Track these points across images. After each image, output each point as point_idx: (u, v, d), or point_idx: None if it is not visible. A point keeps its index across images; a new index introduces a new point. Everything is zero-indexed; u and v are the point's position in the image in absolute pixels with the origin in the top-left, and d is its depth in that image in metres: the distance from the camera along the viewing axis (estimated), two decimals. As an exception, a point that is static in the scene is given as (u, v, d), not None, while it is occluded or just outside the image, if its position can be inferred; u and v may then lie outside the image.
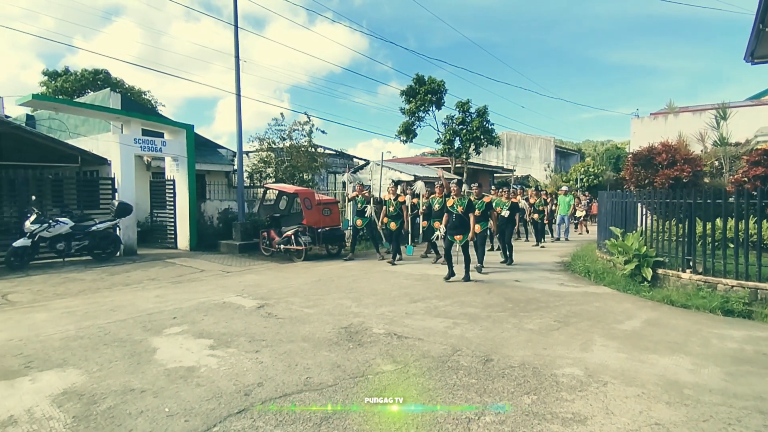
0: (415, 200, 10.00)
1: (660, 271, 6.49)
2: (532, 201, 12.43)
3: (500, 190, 10.56)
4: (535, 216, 12.50)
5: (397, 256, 9.20)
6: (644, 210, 7.49)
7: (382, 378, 3.28)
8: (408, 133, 19.50)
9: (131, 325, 4.65)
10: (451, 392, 3.05)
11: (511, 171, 28.55)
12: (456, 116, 19.20)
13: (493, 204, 9.07)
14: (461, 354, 3.80)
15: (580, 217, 16.83)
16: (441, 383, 3.19)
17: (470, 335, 4.34)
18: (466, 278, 7.16)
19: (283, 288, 6.59)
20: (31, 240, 8.18)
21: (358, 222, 9.39)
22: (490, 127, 19.42)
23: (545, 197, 13.45)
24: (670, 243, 6.57)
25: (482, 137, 19.13)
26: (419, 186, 10.06)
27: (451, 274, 7.19)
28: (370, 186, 10.31)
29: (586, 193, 21.82)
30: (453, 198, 7.28)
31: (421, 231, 11.12)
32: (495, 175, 27.95)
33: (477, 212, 7.45)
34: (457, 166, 20.28)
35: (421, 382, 3.20)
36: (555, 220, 14.15)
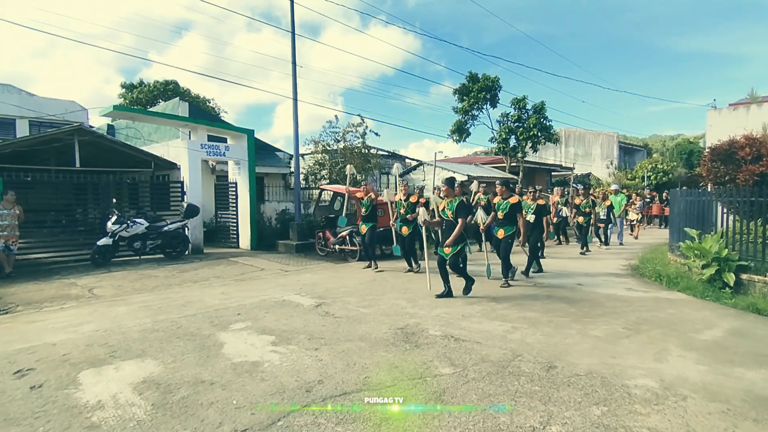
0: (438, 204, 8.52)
1: (744, 276, 5.93)
2: (577, 202, 10.93)
3: (528, 191, 9.39)
4: (580, 219, 10.83)
5: (407, 267, 8.02)
6: (724, 210, 6.88)
7: (441, 381, 3.25)
8: (461, 132, 19.21)
9: (200, 319, 4.93)
10: (513, 399, 2.95)
11: (570, 169, 27.30)
12: (511, 114, 18.65)
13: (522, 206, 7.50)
14: (522, 360, 3.67)
15: (634, 220, 14.57)
16: (502, 389, 3.10)
17: (531, 340, 4.19)
18: (468, 290, 5.97)
19: (339, 287, 6.71)
20: (112, 239, 8.91)
21: (362, 228, 8.30)
22: (547, 124, 18.68)
23: (594, 197, 11.76)
24: (755, 246, 5.98)
25: (539, 134, 18.44)
26: (474, 186, 9.61)
27: (447, 291, 5.93)
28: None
29: (643, 191, 20.06)
30: (445, 199, 5.94)
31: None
32: (552, 173, 26.86)
33: (500, 214, 6.72)
34: (512, 165, 19.71)
35: (481, 387, 3.13)
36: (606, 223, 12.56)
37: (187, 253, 10.24)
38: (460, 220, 5.67)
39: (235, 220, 12.07)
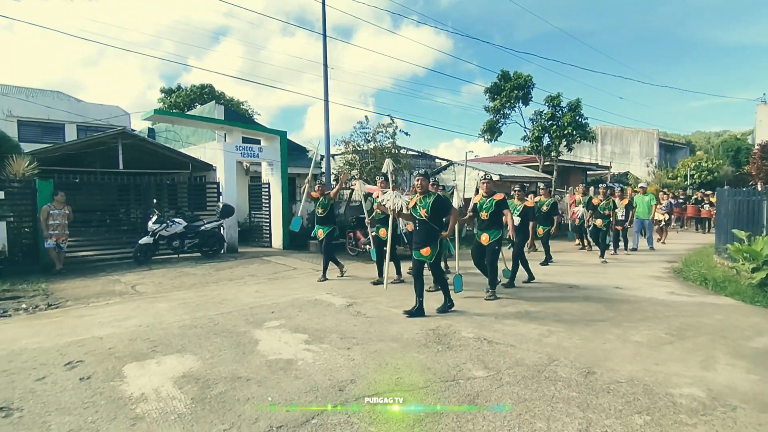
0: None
1: (799, 281, 5.56)
2: (594, 202, 9.68)
3: (513, 190, 7.65)
4: (598, 222, 9.46)
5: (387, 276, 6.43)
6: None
7: (474, 384, 3.20)
8: (492, 131, 18.88)
9: (236, 317, 5.06)
10: (550, 404, 2.88)
11: (607, 168, 26.41)
12: (545, 111, 18.19)
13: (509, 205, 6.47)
14: (559, 364, 3.58)
15: (661, 221, 13.19)
16: (538, 394, 3.03)
17: (568, 344, 4.07)
18: (445, 308, 5.17)
19: (370, 288, 6.73)
20: (152, 238, 9.27)
21: (319, 233, 7.53)
22: (583, 122, 18.11)
23: (618, 198, 10.51)
24: (813, 249, 5.61)
25: (574, 133, 17.90)
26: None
27: (418, 309, 5.06)
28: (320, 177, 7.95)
29: (667, 190, 18.77)
30: (417, 197, 5.10)
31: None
32: (588, 172, 26.06)
33: (484, 215, 5.83)
34: (545, 164, 19.24)
35: (516, 392, 3.07)
36: (628, 227, 11.21)
37: (222, 252, 10.54)
38: (450, 217, 5.08)
39: (268, 220, 12.33)
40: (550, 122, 18.08)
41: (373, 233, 7.07)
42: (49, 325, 4.92)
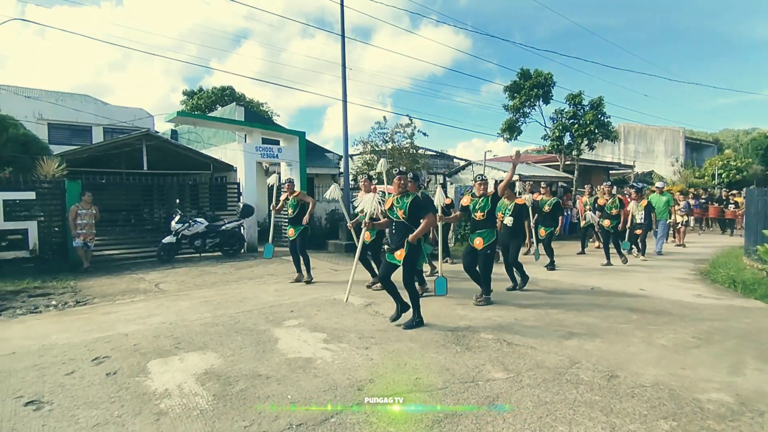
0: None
1: (836, 284, 5.33)
2: (601, 202, 8.99)
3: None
4: (606, 223, 8.71)
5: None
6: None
7: (494, 385, 3.17)
8: (511, 130, 18.67)
9: (256, 315, 5.12)
10: (572, 408, 2.83)
11: (630, 167, 25.81)
12: (566, 110, 17.89)
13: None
14: (580, 367, 3.52)
15: (679, 224, 12.12)
16: (559, 397, 2.98)
17: (590, 347, 4.00)
18: (411, 324, 4.60)
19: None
20: (175, 237, 9.47)
21: (290, 231, 7.31)
22: (605, 120, 17.75)
23: (635, 200, 9.38)
24: None
25: (596, 131, 17.56)
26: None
27: (400, 311, 4.78)
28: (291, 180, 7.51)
29: (694, 190, 17.61)
30: (393, 197, 4.74)
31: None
32: (611, 171, 25.51)
33: (479, 215, 5.42)
34: (566, 163, 18.93)
35: (537, 394, 3.02)
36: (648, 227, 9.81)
37: (243, 251, 10.69)
38: (424, 220, 4.48)
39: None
40: (571, 121, 17.78)
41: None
42: (78, 321, 5.07)
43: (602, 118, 17.68)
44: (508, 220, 6.24)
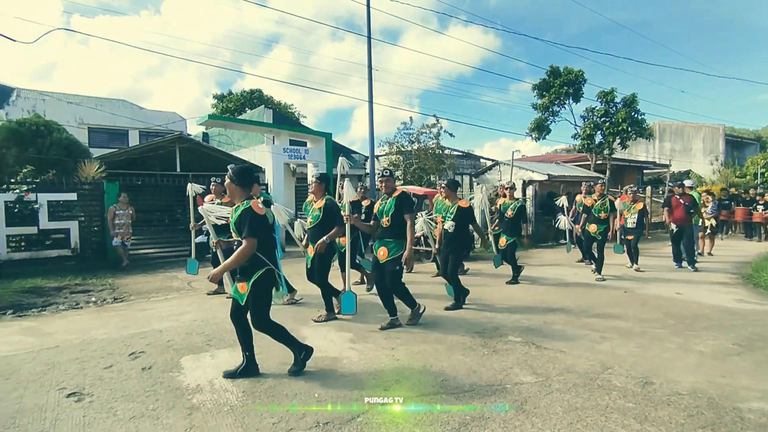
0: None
1: None
2: (588, 203, 7.63)
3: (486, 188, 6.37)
4: (592, 228, 7.46)
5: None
6: None
7: (522, 389, 3.12)
8: (540, 129, 18.32)
9: (284, 314, 5.18)
10: (604, 414, 2.75)
11: (666, 166, 24.86)
12: (597, 108, 17.43)
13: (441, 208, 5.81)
14: (613, 373, 3.41)
15: (707, 228, 10.31)
16: (591, 403, 2.90)
17: (622, 352, 3.88)
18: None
19: (413, 288, 6.68)
20: (206, 237, 9.72)
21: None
22: (639, 118, 17.19)
23: (630, 200, 8.23)
24: None
25: (629, 129, 17.03)
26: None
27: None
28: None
29: (732, 189, 16.20)
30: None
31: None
32: (644, 171, 24.66)
33: (384, 220, 4.58)
34: (597, 162, 18.42)
35: (567, 399, 2.95)
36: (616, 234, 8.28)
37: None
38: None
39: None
40: (603, 119, 17.31)
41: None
42: (115, 317, 5.28)
43: (636, 115, 17.14)
44: (449, 225, 5.41)
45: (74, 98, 19.75)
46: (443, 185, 5.75)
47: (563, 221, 8.78)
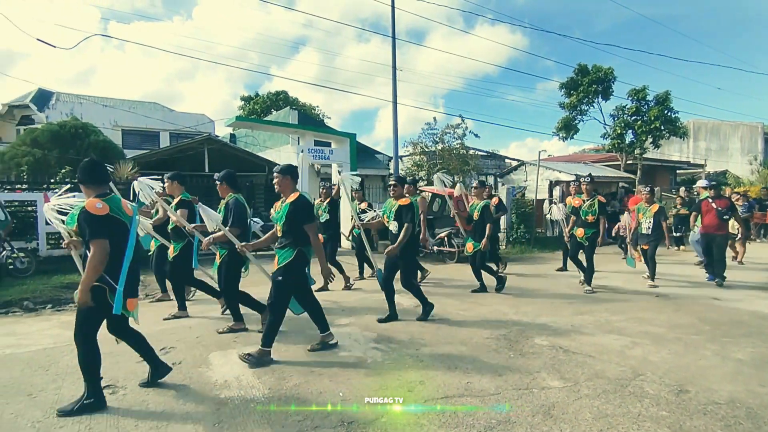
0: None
1: None
2: (575, 203, 6.77)
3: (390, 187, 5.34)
4: (579, 232, 6.58)
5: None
6: None
7: (549, 394, 3.06)
8: (568, 129, 17.93)
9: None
10: (636, 422, 2.67)
11: (701, 166, 23.93)
12: (628, 106, 16.92)
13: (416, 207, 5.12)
14: (645, 380, 3.30)
15: (736, 233, 8.96)
16: (622, 410, 2.82)
17: (655, 359, 3.75)
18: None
19: (438, 289, 6.68)
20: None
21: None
22: (672, 116, 16.60)
23: (645, 201, 7.07)
24: None
25: (662, 128, 16.47)
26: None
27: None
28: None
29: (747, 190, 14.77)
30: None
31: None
32: (678, 171, 23.80)
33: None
34: (628, 162, 17.89)
35: (597, 406, 2.88)
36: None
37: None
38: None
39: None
40: (634, 117, 16.79)
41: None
42: (148, 312, 5.41)
43: (669, 113, 16.56)
44: (393, 226, 4.89)
45: (109, 101, 20.51)
46: (392, 183, 5.13)
47: (555, 211, 7.77)
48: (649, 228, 6.89)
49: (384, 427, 2.66)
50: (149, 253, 5.74)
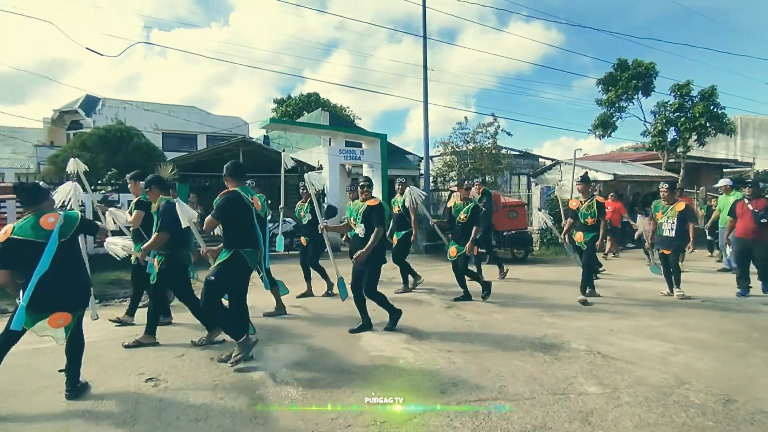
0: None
1: None
2: (573, 205, 6.12)
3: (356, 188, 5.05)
4: (578, 236, 5.95)
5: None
6: None
7: (587, 400, 2.97)
8: (605, 126, 17.29)
9: (342, 312, 5.31)
10: (680, 432, 2.56)
11: (749, 165, 22.62)
12: (671, 102, 16.18)
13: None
14: (690, 388, 3.16)
15: None
16: (665, 419, 2.71)
17: (700, 366, 3.58)
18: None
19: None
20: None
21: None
22: (719, 112, 15.75)
23: (665, 201, 6.14)
24: None
25: (707, 125, 15.66)
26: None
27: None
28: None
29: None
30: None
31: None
32: (724, 170, 22.56)
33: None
34: (670, 161, 17.11)
35: (638, 414, 2.77)
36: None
37: (325, 251, 11.13)
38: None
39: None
40: (676, 114, 16.04)
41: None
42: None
43: (715, 109, 15.73)
44: (360, 229, 4.56)
45: (150, 106, 21.37)
46: (361, 181, 4.77)
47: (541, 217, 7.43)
48: (671, 230, 5.92)
49: (416, 428, 2.66)
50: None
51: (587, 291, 5.89)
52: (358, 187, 4.72)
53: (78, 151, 11.19)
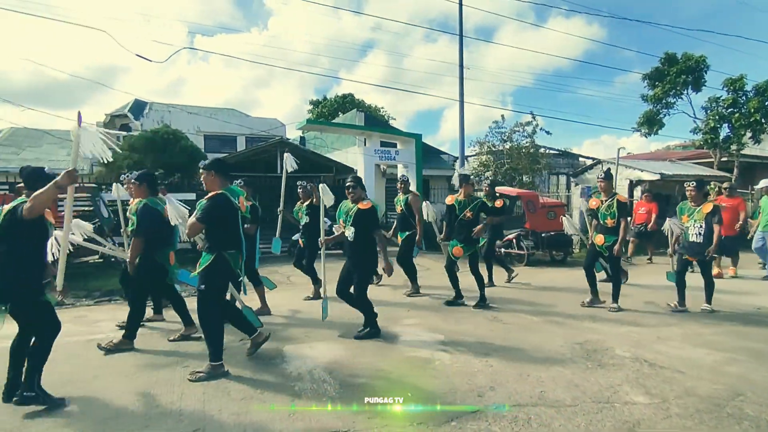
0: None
1: None
2: (593, 205, 5.64)
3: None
4: (598, 239, 5.51)
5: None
6: None
7: (633, 410, 2.85)
8: (651, 123, 16.52)
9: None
10: (736, 448, 2.41)
11: (812, 162, 21.00)
12: (724, 97, 15.27)
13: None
14: (745, 400, 2.97)
15: None
16: (718, 433, 2.57)
17: (756, 377, 3.36)
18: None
19: (507, 292, 6.49)
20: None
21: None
22: (776, 107, 14.76)
23: (692, 201, 5.39)
24: None
25: (763, 121, 14.69)
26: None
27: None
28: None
29: None
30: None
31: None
32: (784, 169, 21.08)
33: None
34: (722, 159, 16.15)
35: (689, 427, 2.64)
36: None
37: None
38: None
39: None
40: (730, 110, 15.14)
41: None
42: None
43: (772, 104, 14.73)
44: (349, 232, 4.41)
45: (193, 109, 22.20)
46: (350, 182, 4.69)
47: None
48: (699, 234, 5.23)
49: (453, 431, 2.63)
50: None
51: (617, 299, 5.45)
52: (345, 188, 4.61)
53: (127, 152, 11.78)
